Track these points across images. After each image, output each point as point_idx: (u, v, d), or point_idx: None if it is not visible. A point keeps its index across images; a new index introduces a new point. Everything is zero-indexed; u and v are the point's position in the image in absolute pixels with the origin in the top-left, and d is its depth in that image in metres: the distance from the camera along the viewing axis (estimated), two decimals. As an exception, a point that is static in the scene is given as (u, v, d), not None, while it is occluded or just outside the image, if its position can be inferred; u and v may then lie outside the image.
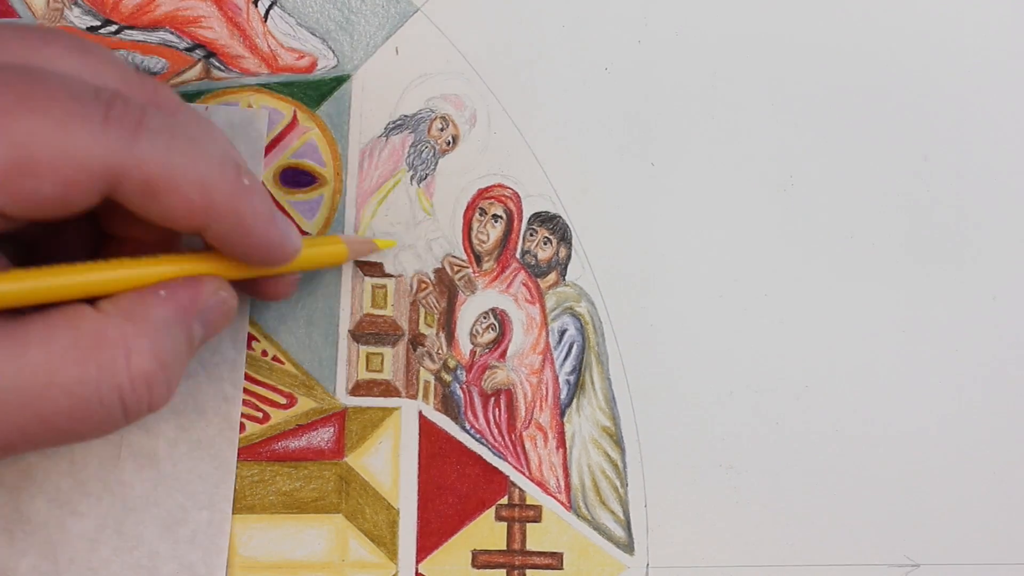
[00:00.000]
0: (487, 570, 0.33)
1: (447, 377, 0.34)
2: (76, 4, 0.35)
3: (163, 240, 0.29)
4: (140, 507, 0.32)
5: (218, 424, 0.33)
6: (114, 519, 0.32)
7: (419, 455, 0.34)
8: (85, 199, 0.25)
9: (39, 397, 0.25)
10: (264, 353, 0.34)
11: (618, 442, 0.34)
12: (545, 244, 0.35)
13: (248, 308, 0.34)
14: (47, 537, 0.31)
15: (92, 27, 0.35)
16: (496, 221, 0.35)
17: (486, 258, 0.35)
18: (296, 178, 0.35)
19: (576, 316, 0.35)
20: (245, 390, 0.33)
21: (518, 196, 0.35)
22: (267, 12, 0.36)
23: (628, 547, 0.34)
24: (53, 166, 0.25)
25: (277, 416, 0.33)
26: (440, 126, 0.35)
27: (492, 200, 0.35)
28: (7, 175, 0.24)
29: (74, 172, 0.25)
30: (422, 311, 0.35)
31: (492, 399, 0.34)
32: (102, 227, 0.30)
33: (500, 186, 0.35)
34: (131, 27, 0.35)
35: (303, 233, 0.34)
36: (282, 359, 0.34)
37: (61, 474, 0.32)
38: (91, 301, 0.27)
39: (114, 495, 0.32)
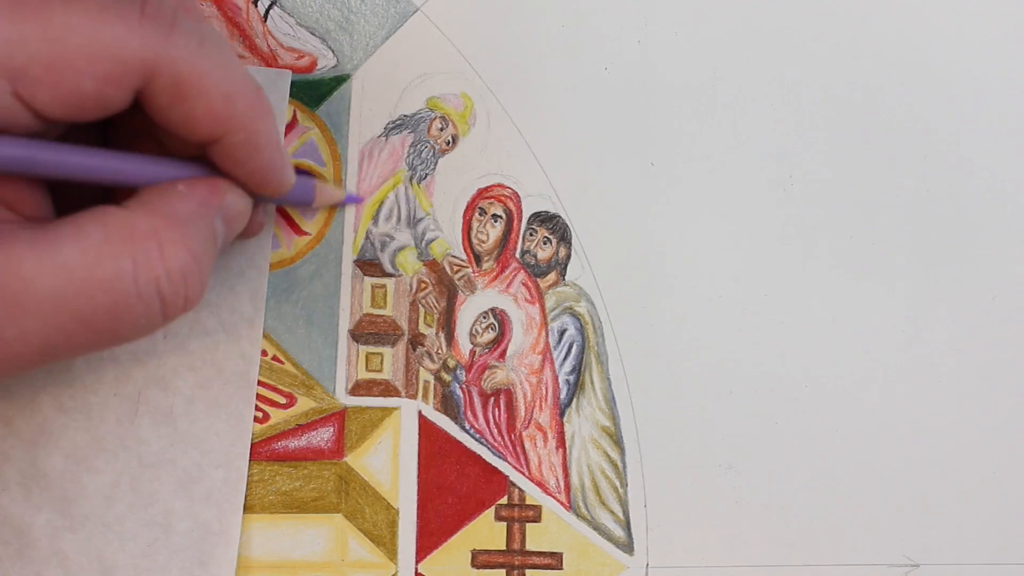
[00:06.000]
0: (487, 570, 0.33)
1: (447, 377, 0.34)
2: (76, 4, 0.35)
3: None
4: (156, 464, 0.32)
5: (236, 382, 0.33)
6: (130, 476, 0.32)
7: (419, 455, 0.34)
8: (121, 96, 0.25)
9: (77, 295, 0.25)
10: (264, 353, 0.34)
11: (618, 442, 0.34)
12: (545, 244, 0.35)
13: (267, 265, 0.33)
14: (63, 492, 0.31)
15: (92, 27, 0.35)
16: (496, 221, 0.35)
17: (486, 258, 0.35)
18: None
19: (576, 316, 0.35)
20: (245, 390, 0.33)
21: (518, 196, 0.35)
22: (267, 12, 0.36)
23: (628, 547, 0.34)
24: (92, 59, 0.24)
25: (277, 416, 0.33)
26: (440, 126, 0.35)
27: (492, 200, 0.35)
28: (47, 70, 0.24)
29: (112, 66, 0.25)
30: (422, 311, 0.35)
31: (492, 399, 0.34)
32: (111, 143, 0.30)
33: (500, 186, 0.35)
34: (131, 27, 0.35)
35: (295, 229, 0.34)
36: (282, 359, 0.34)
37: (78, 430, 0.32)
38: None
39: (130, 452, 0.32)
